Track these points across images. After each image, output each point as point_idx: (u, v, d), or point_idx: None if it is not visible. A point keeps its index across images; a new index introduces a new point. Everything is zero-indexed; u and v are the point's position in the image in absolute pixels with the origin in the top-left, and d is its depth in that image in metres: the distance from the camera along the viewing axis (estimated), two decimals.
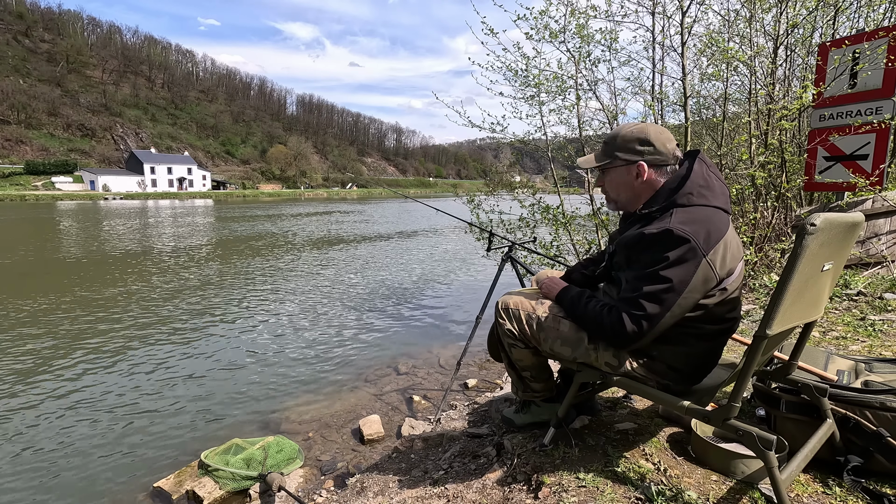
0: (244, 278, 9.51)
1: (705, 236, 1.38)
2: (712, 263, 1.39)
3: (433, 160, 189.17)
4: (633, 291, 1.44)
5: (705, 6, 5.05)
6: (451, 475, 1.93)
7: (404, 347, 5.33)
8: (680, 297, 1.39)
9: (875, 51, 4.06)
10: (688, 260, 1.37)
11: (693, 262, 1.37)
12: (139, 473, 2.97)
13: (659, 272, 1.39)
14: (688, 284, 1.38)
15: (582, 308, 1.59)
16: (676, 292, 1.38)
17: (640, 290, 1.42)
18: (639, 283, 1.43)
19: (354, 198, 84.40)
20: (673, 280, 1.37)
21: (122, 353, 5.13)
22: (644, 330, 1.42)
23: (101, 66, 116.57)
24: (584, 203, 5.77)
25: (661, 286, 1.39)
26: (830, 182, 4.49)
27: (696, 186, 1.47)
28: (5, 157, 78.31)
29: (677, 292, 1.38)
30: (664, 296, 1.39)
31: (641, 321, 1.41)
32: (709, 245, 1.39)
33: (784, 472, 1.31)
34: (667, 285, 1.38)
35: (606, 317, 1.48)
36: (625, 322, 1.43)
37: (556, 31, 5.20)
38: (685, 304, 1.41)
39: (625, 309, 1.44)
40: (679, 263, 1.37)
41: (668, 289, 1.38)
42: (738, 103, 6.42)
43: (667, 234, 1.39)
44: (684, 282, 1.38)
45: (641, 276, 1.43)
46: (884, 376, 1.68)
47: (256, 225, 23.51)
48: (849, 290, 3.80)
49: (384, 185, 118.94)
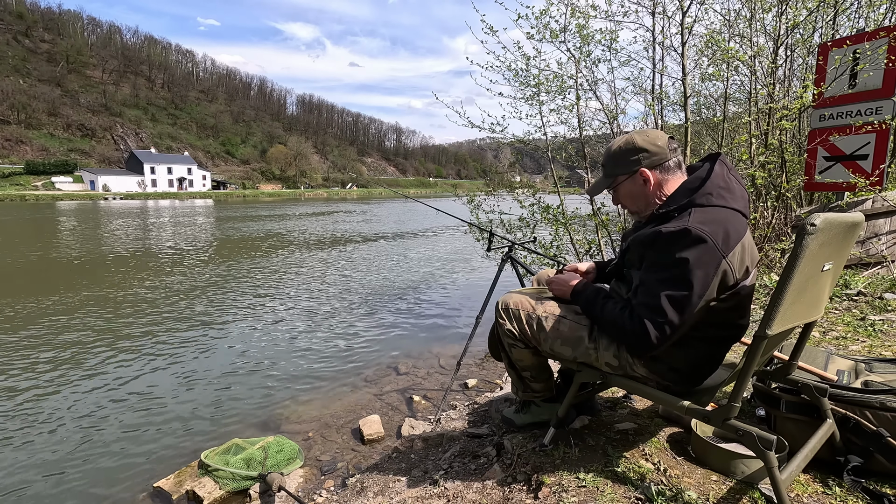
0: (244, 278, 9.51)
1: (724, 237, 1.36)
2: (731, 264, 1.37)
3: (433, 160, 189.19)
4: (652, 296, 1.40)
5: (706, 6, 5.06)
6: (451, 475, 1.93)
7: (404, 347, 5.33)
8: (701, 301, 1.37)
9: (875, 51, 4.06)
10: (707, 261, 1.34)
11: (712, 264, 1.35)
12: (139, 473, 2.97)
13: (679, 275, 1.36)
14: (708, 287, 1.36)
15: (599, 308, 1.57)
16: (697, 296, 1.36)
17: (660, 294, 1.38)
18: (659, 286, 1.39)
19: (354, 198, 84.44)
20: (693, 284, 1.35)
21: (121, 353, 5.13)
22: (668, 336, 1.40)
23: (101, 66, 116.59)
24: (584, 203, 5.78)
25: (681, 291, 1.36)
26: (830, 182, 4.49)
27: (716, 188, 1.45)
28: (5, 157, 78.31)
29: (698, 296, 1.36)
30: (686, 301, 1.36)
31: (665, 327, 1.38)
32: (728, 246, 1.36)
33: (784, 472, 1.31)
34: (687, 291, 1.35)
35: (629, 323, 1.44)
36: (648, 330, 1.39)
37: (556, 31, 5.21)
38: (704, 306, 1.39)
39: (647, 315, 1.40)
40: (698, 265, 1.34)
41: (688, 293, 1.35)
42: (739, 103, 6.42)
43: (684, 234, 1.35)
44: (705, 285, 1.35)
45: (661, 280, 1.39)
46: (884, 376, 1.68)
47: (257, 225, 23.52)
48: (849, 290, 3.80)
49: (384, 185, 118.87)
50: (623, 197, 1.63)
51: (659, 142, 1.54)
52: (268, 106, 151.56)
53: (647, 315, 1.40)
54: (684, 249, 1.35)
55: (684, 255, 1.35)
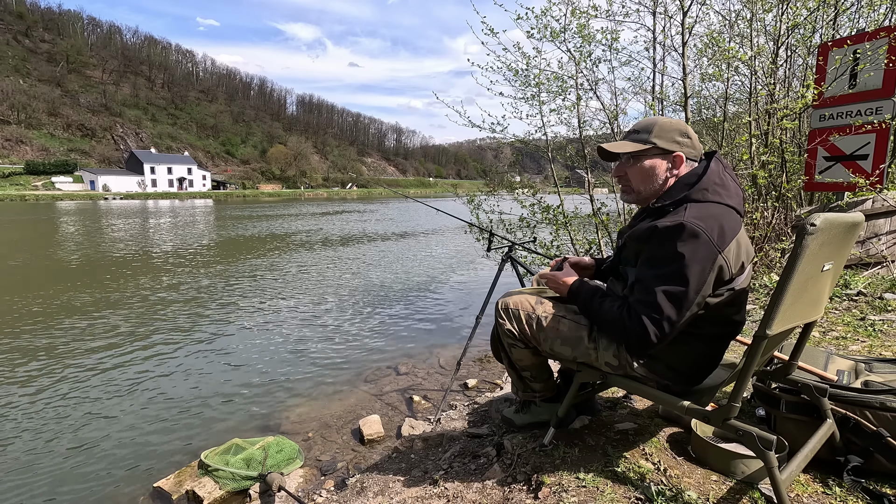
0: (244, 278, 9.51)
1: (719, 232, 1.36)
2: (727, 259, 1.37)
3: (433, 160, 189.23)
4: (649, 293, 1.39)
5: (706, 6, 5.06)
6: (451, 475, 1.93)
7: (404, 347, 5.33)
8: (698, 296, 1.37)
9: (876, 51, 4.06)
10: (703, 256, 1.34)
11: (708, 259, 1.35)
12: (139, 473, 2.97)
13: (676, 270, 1.35)
14: (704, 282, 1.36)
15: (597, 306, 1.55)
16: (694, 291, 1.35)
17: (657, 290, 1.38)
18: (655, 282, 1.39)
19: (354, 198, 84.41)
20: (690, 279, 1.34)
21: (121, 353, 5.13)
22: (667, 334, 1.39)
23: (101, 66, 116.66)
24: (584, 203, 5.78)
25: (678, 287, 1.35)
26: (830, 182, 4.49)
27: (712, 184, 1.45)
28: (5, 157, 78.32)
29: (695, 291, 1.35)
30: (683, 296, 1.35)
31: (663, 324, 1.37)
32: (723, 241, 1.36)
33: (784, 472, 1.31)
34: (684, 286, 1.35)
35: (628, 321, 1.43)
36: (647, 328, 1.38)
37: (557, 31, 5.21)
38: (700, 303, 1.39)
39: (645, 312, 1.39)
40: (694, 261, 1.34)
41: (685, 289, 1.35)
42: (739, 103, 6.42)
43: (680, 228, 1.35)
44: (701, 280, 1.35)
45: (658, 276, 1.39)
46: (884, 376, 1.68)
47: (258, 225, 23.51)
48: (849, 290, 3.80)
49: (384, 185, 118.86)
50: (638, 171, 1.55)
51: (698, 143, 1.56)
52: (268, 106, 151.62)
53: (645, 312, 1.39)
54: (680, 244, 1.35)
55: (680, 250, 1.35)
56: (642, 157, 1.55)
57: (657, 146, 1.52)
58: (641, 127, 1.57)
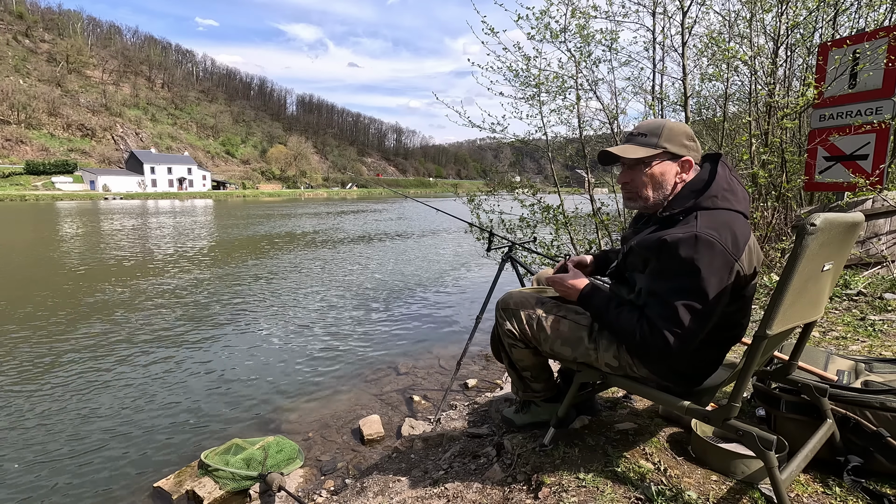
0: (243, 278, 9.51)
1: (733, 240, 1.33)
2: (742, 266, 1.35)
3: (433, 160, 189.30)
4: (668, 307, 1.35)
5: (706, 6, 5.06)
6: (451, 475, 1.93)
7: (404, 347, 5.33)
8: (718, 307, 1.34)
9: (875, 51, 4.06)
10: (719, 266, 1.31)
11: (725, 268, 1.32)
12: (139, 473, 2.97)
13: (695, 284, 1.32)
14: (724, 292, 1.33)
15: (614, 317, 1.50)
16: (714, 302, 1.32)
17: (677, 304, 1.34)
18: (674, 296, 1.34)
19: (354, 198, 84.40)
20: (709, 292, 1.31)
21: (121, 353, 5.13)
22: (688, 347, 1.36)
23: (101, 66, 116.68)
24: (585, 203, 5.78)
25: (699, 300, 1.32)
26: (830, 182, 4.50)
27: (721, 190, 1.41)
28: (5, 157, 78.32)
29: (715, 302, 1.33)
30: (704, 310, 1.32)
31: (686, 338, 1.34)
32: (738, 249, 1.34)
33: (784, 472, 1.31)
34: (704, 299, 1.32)
35: (650, 336, 1.38)
36: (670, 342, 1.35)
37: (556, 31, 5.21)
38: (720, 312, 1.37)
39: (666, 327, 1.35)
40: (712, 272, 1.31)
41: (706, 302, 1.32)
42: (739, 103, 6.42)
43: (694, 240, 1.31)
44: (721, 291, 1.32)
45: (675, 290, 1.34)
46: (884, 376, 1.68)
47: (258, 225, 23.51)
48: (849, 290, 3.80)
49: (384, 185, 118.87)
50: (646, 177, 1.49)
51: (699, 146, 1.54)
52: (268, 106, 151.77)
53: (667, 327, 1.35)
54: (696, 256, 1.31)
55: (696, 262, 1.31)
56: (652, 163, 1.48)
57: (667, 150, 1.47)
58: (648, 130, 1.50)
